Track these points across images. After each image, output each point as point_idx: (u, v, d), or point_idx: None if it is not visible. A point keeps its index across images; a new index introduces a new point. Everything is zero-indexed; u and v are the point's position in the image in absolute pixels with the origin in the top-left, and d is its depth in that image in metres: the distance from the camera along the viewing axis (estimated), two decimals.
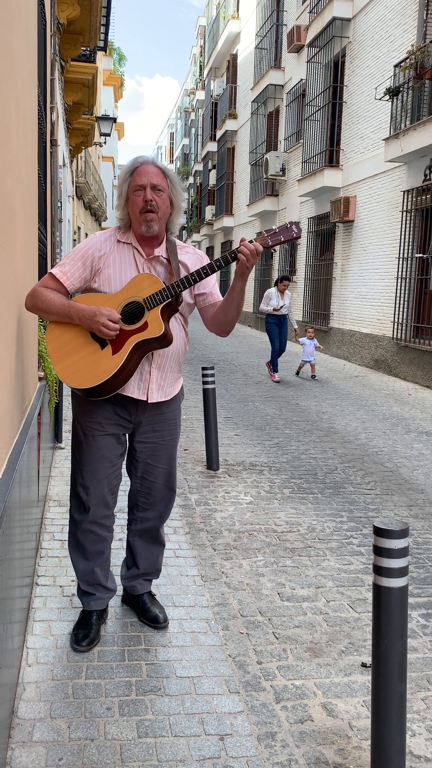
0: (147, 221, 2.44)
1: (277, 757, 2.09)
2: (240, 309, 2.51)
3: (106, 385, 2.43)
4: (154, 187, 2.43)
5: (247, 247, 2.33)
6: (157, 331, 2.40)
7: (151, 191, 2.43)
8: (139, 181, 2.44)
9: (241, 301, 2.48)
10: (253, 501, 4.49)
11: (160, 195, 2.44)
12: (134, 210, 2.46)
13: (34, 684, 2.36)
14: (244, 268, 2.35)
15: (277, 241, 2.39)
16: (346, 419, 7.42)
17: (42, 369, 3.85)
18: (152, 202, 2.42)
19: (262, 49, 19.43)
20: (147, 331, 2.41)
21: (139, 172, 2.45)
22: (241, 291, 2.44)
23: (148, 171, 2.44)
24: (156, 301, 2.40)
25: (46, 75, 5.60)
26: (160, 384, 2.58)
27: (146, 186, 2.42)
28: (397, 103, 10.46)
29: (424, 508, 4.50)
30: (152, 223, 2.45)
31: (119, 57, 34.04)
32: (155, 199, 2.43)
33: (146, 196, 2.42)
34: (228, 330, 2.60)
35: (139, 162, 2.48)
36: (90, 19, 8.72)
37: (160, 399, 2.59)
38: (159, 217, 2.46)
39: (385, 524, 1.89)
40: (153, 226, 2.46)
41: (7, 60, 2.21)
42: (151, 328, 2.40)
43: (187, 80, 43.47)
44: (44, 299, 2.45)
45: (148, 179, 2.43)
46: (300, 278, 16.24)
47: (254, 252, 2.33)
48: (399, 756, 1.91)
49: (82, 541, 2.67)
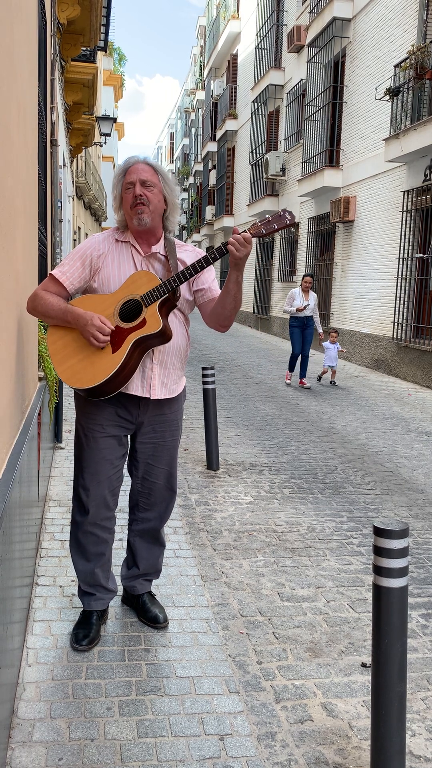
0: (138, 214, 2.47)
1: (277, 757, 2.10)
2: (238, 302, 2.50)
3: (107, 384, 2.43)
4: (143, 182, 2.47)
5: (235, 237, 2.35)
6: (156, 326, 2.40)
7: (141, 186, 2.46)
8: (129, 179, 2.49)
9: (238, 294, 2.47)
10: (253, 501, 4.49)
11: (150, 189, 2.48)
12: (126, 207, 2.50)
13: (34, 684, 2.36)
14: (236, 258, 2.36)
15: (271, 230, 2.39)
16: (346, 419, 7.42)
17: (42, 369, 3.85)
18: (142, 195, 2.45)
19: (262, 49, 19.43)
20: (145, 328, 2.41)
21: (129, 171, 2.50)
22: (236, 282, 2.44)
23: (138, 168, 2.49)
24: (153, 297, 2.41)
25: (46, 75, 5.60)
26: (162, 381, 2.58)
27: (135, 182, 2.47)
28: (398, 103, 10.46)
29: (424, 508, 4.50)
30: (143, 215, 2.46)
31: (119, 57, 34.06)
32: (145, 193, 2.46)
33: (135, 191, 2.46)
34: (226, 324, 2.60)
35: (130, 162, 2.53)
36: (90, 19, 8.72)
37: (163, 396, 2.59)
38: (150, 210, 2.48)
39: (385, 524, 1.89)
40: (144, 219, 2.47)
41: (7, 60, 2.21)
42: (149, 324, 2.41)
43: (188, 80, 43.47)
44: (44, 303, 2.47)
45: (137, 175, 2.47)
46: (300, 278, 16.23)
47: (242, 241, 2.34)
48: (399, 756, 1.91)
49: (83, 542, 2.67)
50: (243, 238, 2.34)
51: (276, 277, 18.46)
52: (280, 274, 18.03)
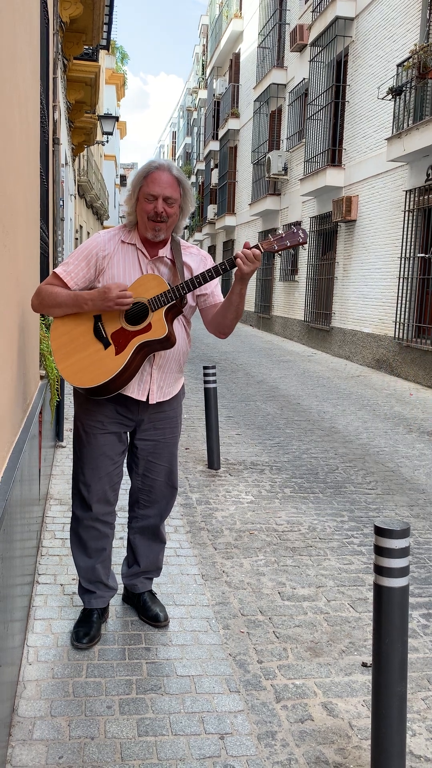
0: (155, 230, 2.43)
1: (277, 756, 2.10)
2: (239, 313, 2.49)
3: (108, 385, 2.43)
4: (166, 199, 2.39)
5: (245, 252, 2.31)
6: (161, 332, 2.40)
7: (163, 203, 2.39)
8: (151, 190, 2.39)
9: (240, 305, 2.46)
10: (254, 500, 4.49)
11: (172, 206, 2.42)
12: (143, 215, 2.44)
13: (35, 682, 2.36)
14: (243, 273, 2.33)
15: (282, 246, 2.36)
16: (348, 419, 7.42)
17: (43, 367, 3.85)
18: (163, 214, 2.40)
19: (264, 48, 19.41)
20: (150, 333, 2.40)
21: (153, 179, 2.40)
22: (240, 295, 2.42)
23: (162, 181, 2.39)
24: (161, 303, 2.40)
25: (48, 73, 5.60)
26: (159, 385, 2.58)
27: (158, 197, 2.39)
28: (400, 102, 10.44)
29: (425, 508, 4.49)
30: (160, 232, 2.44)
31: (122, 56, 34.04)
32: (166, 211, 2.40)
33: (157, 208, 2.39)
34: (226, 332, 2.60)
35: (154, 167, 2.42)
36: (93, 17, 8.71)
37: (160, 399, 2.60)
38: (168, 226, 2.46)
39: (386, 524, 1.89)
40: (160, 235, 2.45)
41: (9, 58, 2.21)
42: (154, 330, 2.40)
43: (190, 79, 43.44)
44: (50, 294, 2.44)
45: (161, 190, 2.38)
46: (302, 278, 16.23)
47: (251, 257, 2.30)
48: (399, 756, 1.91)
49: (84, 537, 2.67)
50: (252, 254, 2.30)
51: (278, 276, 18.45)
52: (281, 274, 18.01)
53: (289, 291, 17.41)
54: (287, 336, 17.35)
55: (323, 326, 14.29)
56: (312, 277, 15.40)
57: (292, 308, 17.13)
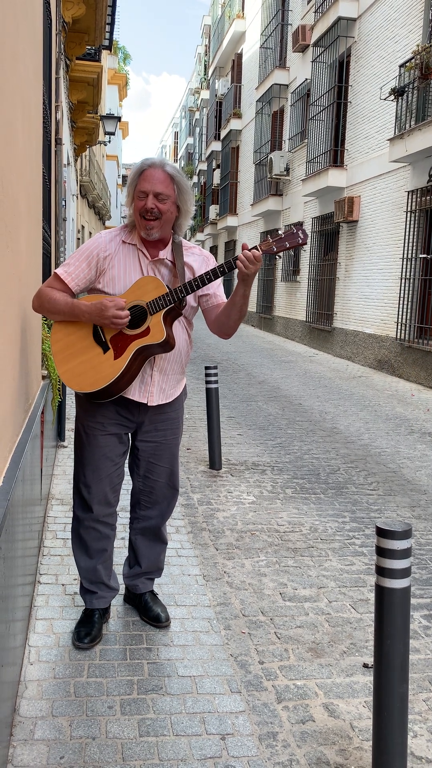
0: (146, 228, 2.42)
1: (278, 757, 2.09)
2: (243, 314, 2.49)
3: (107, 390, 2.43)
4: (157, 195, 2.38)
5: (245, 254, 2.30)
6: (159, 337, 2.39)
7: (153, 199, 2.38)
8: (142, 187, 2.39)
9: (244, 307, 2.45)
10: (255, 501, 4.49)
11: (163, 202, 2.39)
12: (136, 214, 2.44)
13: (36, 682, 2.36)
14: (244, 275, 2.32)
15: (282, 248, 2.34)
16: (349, 420, 7.42)
17: (45, 368, 3.85)
18: (154, 210, 2.38)
19: (267, 49, 19.41)
20: (149, 337, 2.40)
21: (145, 177, 2.40)
22: (243, 296, 2.41)
23: (153, 177, 2.38)
24: (159, 306, 2.38)
25: (51, 73, 5.60)
26: (161, 387, 2.58)
27: (149, 193, 2.38)
28: (402, 103, 10.44)
29: (427, 509, 4.49)
30: (152, 230, 2.42)
31: (124, 56, 34.07)
32: (157, 207, 2.38)
33: (147, 204, 2.38)
34: (230, 333, 2.59)
35: (146, 164, 2.41)
36: (95, 17, 8.73)
37: (161, 402, 2.59)
38: (161, 224, 2.43)
39: (387, 525, 1.88)
40: (153, 234, 2.43)
41: (12, 58, 2.21)
42: (153, 334, 2.39)
43: (192, 79, 43.45)
44: (50, 300, 2.45)
45: (151, 187, 2.37)
46: (303, 278, 16.23)
47: (252, 259, 2.29)
48: (400, 757, 1.91)
49: (85, 538, 2.67)
50: (253, 255, 2.29)
51: (279, 276, 18.45)
52: (283, 274, 18.02)
53: (291, 291, 17.41)
54: (289, 336, 17.34)
55: (325, 327, 14.28)
56: (314, 278, 15.40)
57: (293, 309, 17.13)
